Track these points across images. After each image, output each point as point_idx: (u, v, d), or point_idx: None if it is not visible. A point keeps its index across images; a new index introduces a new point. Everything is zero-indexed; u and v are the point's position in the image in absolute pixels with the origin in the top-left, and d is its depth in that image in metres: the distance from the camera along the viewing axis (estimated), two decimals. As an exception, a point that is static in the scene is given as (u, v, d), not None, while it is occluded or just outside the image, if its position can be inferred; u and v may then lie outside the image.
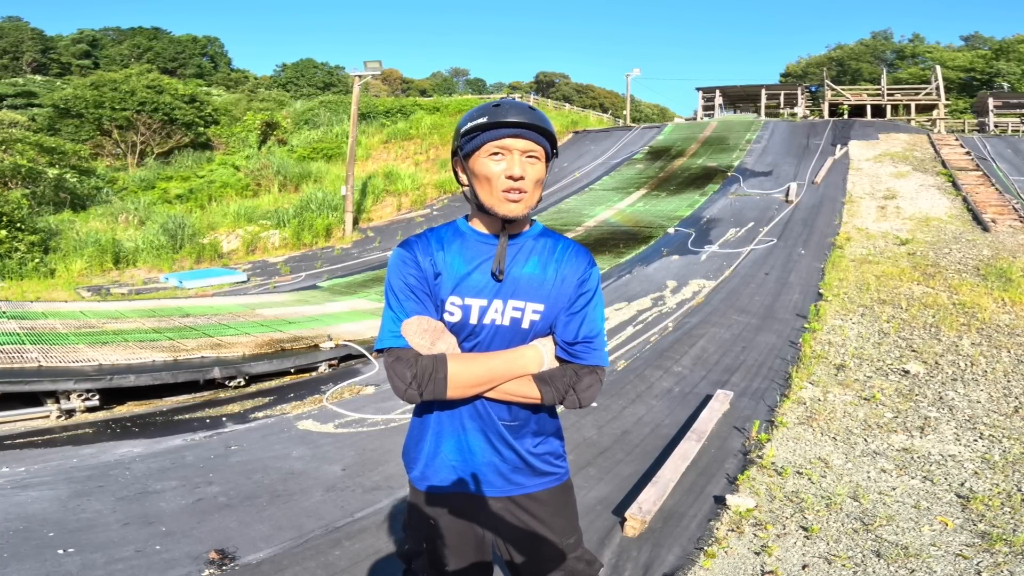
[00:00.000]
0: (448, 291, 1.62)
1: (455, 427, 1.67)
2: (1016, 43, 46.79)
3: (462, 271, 1.62)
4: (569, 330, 1.64)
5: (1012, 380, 6.13)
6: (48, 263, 15.37)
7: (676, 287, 10.26)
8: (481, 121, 1.59)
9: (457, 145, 1.67)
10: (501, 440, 1.67)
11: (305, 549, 3.28)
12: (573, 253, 1.70)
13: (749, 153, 23.83)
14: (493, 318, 1.62)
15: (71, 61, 54.15)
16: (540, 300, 1.64)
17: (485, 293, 1.62)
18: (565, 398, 1.62)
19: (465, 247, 1.66)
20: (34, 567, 3.01)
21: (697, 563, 3.25)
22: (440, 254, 1.64)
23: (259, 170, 24.75)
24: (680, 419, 5.31)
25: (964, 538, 3.43)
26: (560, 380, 1.62)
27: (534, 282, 1.64)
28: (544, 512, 1.74)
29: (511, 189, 1.58)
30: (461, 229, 1.70)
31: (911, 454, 4.60)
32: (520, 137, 1.58)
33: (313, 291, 12.12)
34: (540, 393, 1.61)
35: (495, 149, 1.59)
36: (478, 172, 1.61)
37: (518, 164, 1.58)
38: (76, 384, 5.57)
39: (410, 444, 1.77)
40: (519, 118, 1.57)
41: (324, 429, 5.18)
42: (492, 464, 1.68)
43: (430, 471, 1.70)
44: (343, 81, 55.00)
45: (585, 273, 1.69)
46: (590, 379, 1.64)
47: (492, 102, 1.65)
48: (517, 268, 1.65)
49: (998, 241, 12.04)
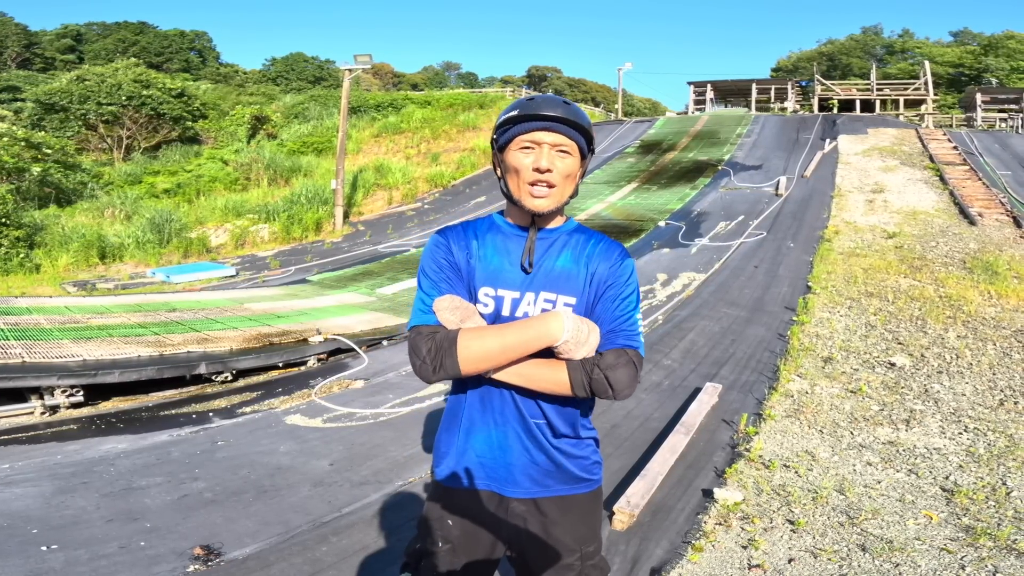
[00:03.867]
0: (482, 282, 1.62)
1: (487, 422, 1.64)
2: (1005, 39, 47.06)
3: (495, 262, 1.63)
4: (603, 320, 1.60)
5: (997, 373, 6.17)
6: (33, 258, 15.20)
7: (666, 280, 10.28)
8: (513, 114, 1.60)
9: (493, 138, 1.68)
10: (533, 440, 1.62)
11: (291, 544, 3.26)
12: (605, 247, 1.68)
13: (740, 147, 23.89)
14: (526, 310, 1.60)
15: (55, 56, 53.40)
16: (572, 293, 1.62)
17: (518, 285, 1.62)
18: (592, 379, 1.50)
19: (499, 239, 1.67)
20: (18, 564, 2.98)
21: (684, 557, 3.25)
22: (475, 244, 1.65)
23: (248, 164, 24.57)
24: (669, 412, 5.32)
25: (948, 532, 3.45)
26: (587, 366, 1.52)
27: (566, 275, 1.63)
28: (569, 518, 1.69)
29: (537, 182, 1.58)
30: (496, 222, 1.71)
31: (897, 447, 4.62)
32: (551, 131, 1.57)
33: (303, 285, 12.05)
34: (570, 379, 1.51)
35: (526, 143, 1.59)
36: (509, 164, 1.62)
37: (546, 157, 1.57)
38: (60, 380, 5.50)
39: (441, 438, 1.73)
40: (550, 111, 1.57)
41: (312, 424, 5.15)
42: (522, 464, 1.64)
43: (458, 467, 1.67)
44: (333, 75, 54.61)
45: (616, 263, 1.65)
46: (615, 357, 1.52)
47: (528, 95, 1.65)
48: (550, 261, 1.64)
49: (984, 234, 12.13)
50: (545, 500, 1.66)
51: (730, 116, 31.73)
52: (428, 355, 1.51)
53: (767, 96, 39.39)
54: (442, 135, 29.50)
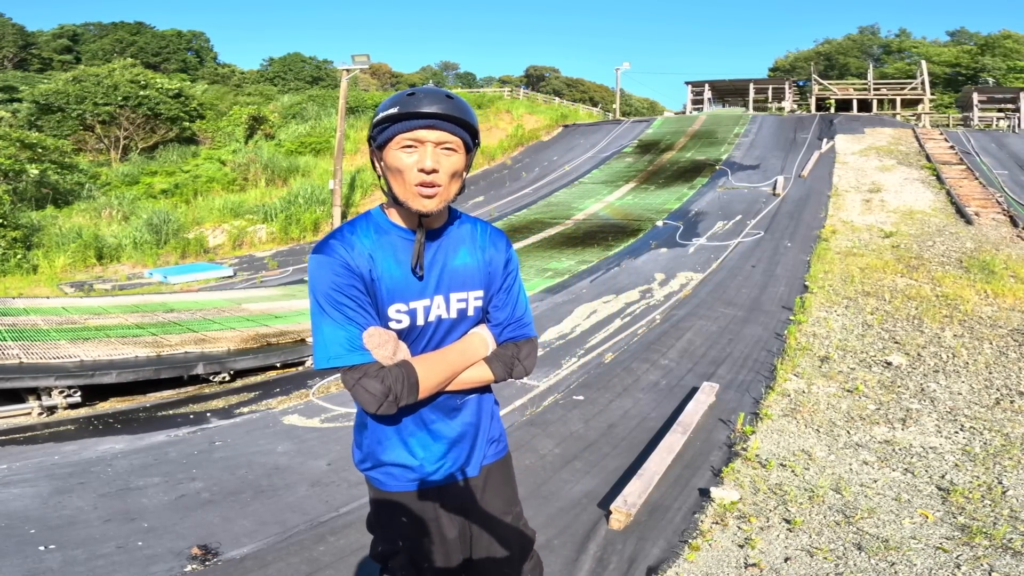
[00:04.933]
0: (390, 299, 1.57)
1: (416, 421, 1.68)
2: (1001, 39, 47.20)
3: (396, 275, 1.58)
4: (505, 311, 1.73)
5: (993, 372, 6.19)
6: (30, 259, 15.19)
7: (664, 280, 10.29)
8: (393, 111, 1.50)
9: (370, 136, 1.59)
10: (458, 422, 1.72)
11: (289, 544, 3.26)
12: (492, 237, 1.75)
13: (737, 147, 23.92)
14: (438, 314, 1.63)
15: (52, 56, 53.29)
16: (478, 287, 1.69)
17: (427, 292, 1.61)
18: (513, 370, 1.73)
19: (394, 246, 1.60)
20: (16, 564, 2.98)
21: (681, 556, 3.26)
22: (370, 256, 1.56)
23: (246, 164, 24.55)
24: (666, 412, 5.33)
25: (944, 531, 3.45)
26: (505, 356, 1.72)
27: (469, 271, 1.67)
28: (496, 483, 1.83)
29: (424, 183, 1.51)
30: (382, 224, 1.62)
31: (893, 446, 4.64)
32: (434, 128, 1.50)
33: (301, 285, 12.05)
34: (492, 372, 1.70)
35: (407, 141, 1.51)
36: (391, 164, 1.54)
37: (430, 156, 1.50)
38: (57, 381, 5.50)
39: (369, 445, 1.71)
40: (432, 108, 1.49)
41: (310, 424, 5.15)
42: (455, 447, 1.72)
43: (395, 468, 1.70)
44: (331, 75, 54.57)
45: (506, 256, 1.75)
46: (528, 348, 1.77)
47: (407, 90, 1.56)
48: (451, 260, 1.65)
49: (981, 234, 12.16)
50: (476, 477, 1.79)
51: (728, 116, 31.77)
52: (391, 393, 1.52)
53: (764, 96, 39.44)
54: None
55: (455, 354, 1.65)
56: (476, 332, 1.71)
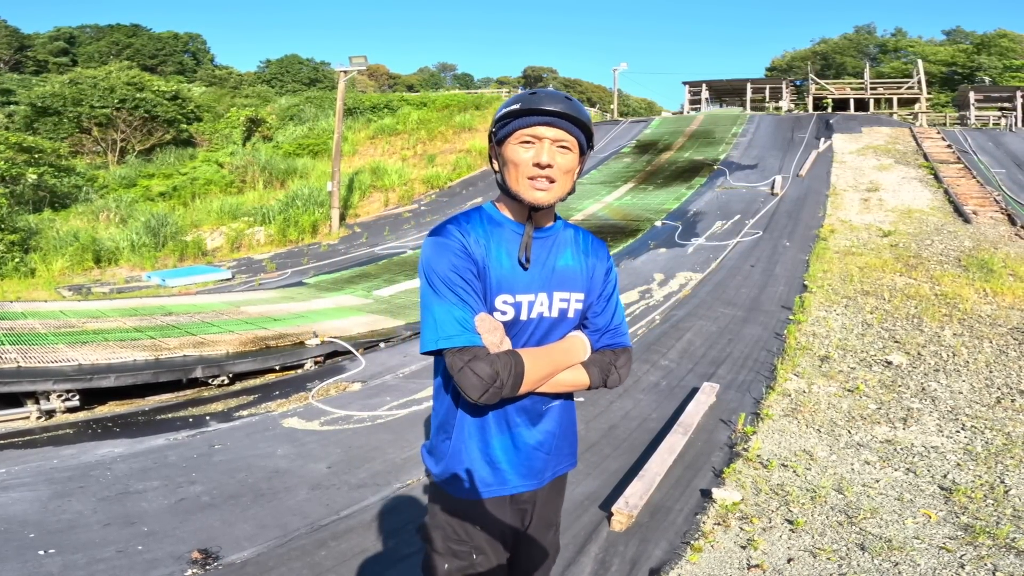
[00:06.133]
0: (498, 289, 1.59)
1: (500, 423, 1.65)
2: (997, 37, 47.31)
3: (506, 266, 1.61)
4: (604, 318, 1.74)
5: (994, 371, 6.19)
6: (28, 262, 15.15)
7: (663, 280, 10.29)
8: (515, 108, 1.58)
9: (492, 131, 1.65)
10: (539, 429, 1.70)
11: (290, 549, 3.24)
12: (595, 244, 1.79)
13: (735, 147, 23.94)
14: (540, 311, 1.64)
15: (48, 59, 53.17)
16: (581, 289, 1.71)
17: (533, 287, 1.63)
18: (608, 378, 1.71)
19: (506, 239, 1.64)
20: (15, 568, 2.96)
21: (684, 557, 3.25)
22: (485, 245, 1.61)
23: (243, 167, 24.52)
24: (667, 412, 5.32)
25: (947, 531, 3.45)
26: (603, 363, 1.70)
27: (573, 273, 1.70)
28: (553, 494, 1.82)
29: (537, 177, 1.57)
30: (494, 217, 1.67)
31: (894, 446, 4.63)
32: (552, 126, 1.56)
33: (299, 288, 12.02)
34: (589, 377, 1.68)
35: (526, 137, 1.57)
36: (508, 158, 1.60)
37: (546, 152, 1.56)
38: (56, 384, 5.48)
39: (450, 447, 1.67)
40: (552, 106, 1.55)
41: (309, 427, 5.13)
42: (534, 455, 1.70)
43: (475, 473, 1.65)
44: (329, 77, 54.54)
45: (608, 263, 1.79)
46: (625, 358, 1.75)
47: (530, 90, 1.63)
48: (555, 260, 1.68)
49: (979, 232, 12.18)
50: (547, 486, 1.76)
51: (725, 116, 31.80)
52: (492, 380, 1.49)
53: (762, 96, 39.48)
54: (438, 136, 29.48)
55: (559, 352, 1.65)
56: (577, 335, 1.71)
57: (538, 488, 1.73)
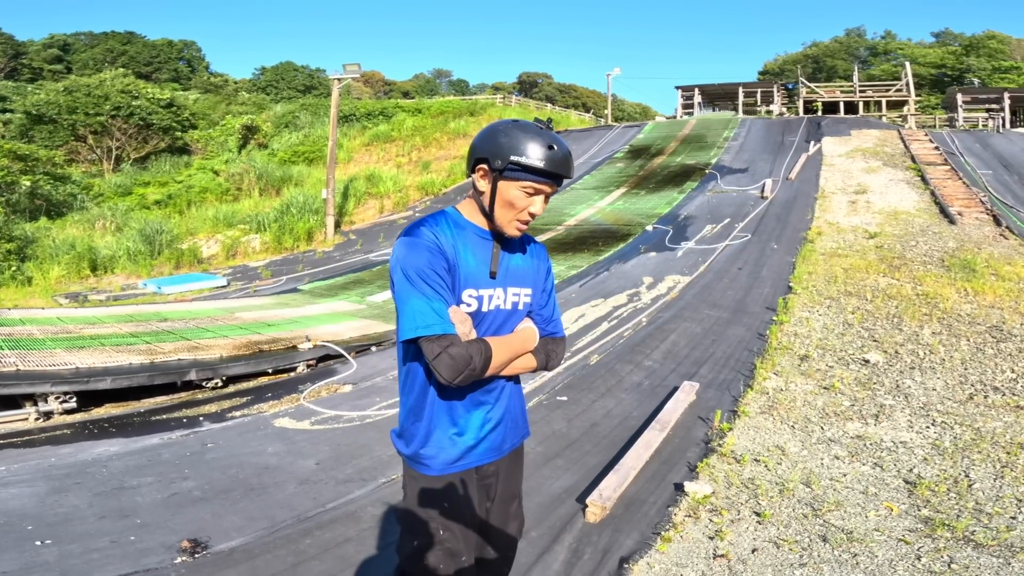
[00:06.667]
0: (464, 284, 1.80)
1: (467, 402, 1.87)
2: (986, 39, 47.74)
3: (471, 264, 1.82)
4: (548, 309, 2.02)
5: (969, 368, 6.35)
6: (24, 271, 15.27)
7: (652, 283, 10.45)
8: (538, 166, 1.73)
9: (499, 162, 1.75)
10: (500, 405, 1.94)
11: (276, 538, 3.40)
12: (538, 248, 2.05)
13: (727, 151, 24.16)
14: (497, 304, 1.87)
15: (43, 66, 53.34)
16: (529, 285, 1.96)
17: (493, 283, 1.86)
18: (549, 362, 1.99)
19: (471, 241, 1.85)
20: (13, 557, 3.12)
21: (653, 547, 3.40)
22: (453, 246, 1.80)
23: (239, 174, 24.67)
24: (648, 411, 5.47)
25: (908, 523, 3.58)
26: (545, 350, 1.98)
27: (524, 271, 1.95)
28: (514, 467, 2.06)
29: (525, 221, 1.83)
30: (459, 222, 1.87)
31: (864, 441, 4.78)
32: (554, 185, 1.80)
33: (294, 294, 12.17)
34: (536, 361, 1.95)
35: (531, 189, 1.78)
36: (505, 196, 1.79)
37: (540, 206, 1.81)
38: (54, 387, 5.62)
39: (421, 427, 1.88)
40: (566, 172, 1.78)
41: (300, 426, 5.28)
42: (497, 428, 1.93)
43: (444, 446, 1.87)
44: (324, 84, 54.76)
45: (548, 264, 2.08)
46: (561, 345, 2.05)
47: (547, 136, 1.75)
48: (511, 261, 1.92)
49: (964, 233, 12.37)
50: (508, 456, 2.02)
51: (717, 120, 32.05)
52: (466, 364, 1.69)
53: (754, 99, 39.77)
54: (433, 143, 29.68)
55: (518, 341, 1.89)
56: (530, 326, 1.96)
57: (499, 459, 1.97)
